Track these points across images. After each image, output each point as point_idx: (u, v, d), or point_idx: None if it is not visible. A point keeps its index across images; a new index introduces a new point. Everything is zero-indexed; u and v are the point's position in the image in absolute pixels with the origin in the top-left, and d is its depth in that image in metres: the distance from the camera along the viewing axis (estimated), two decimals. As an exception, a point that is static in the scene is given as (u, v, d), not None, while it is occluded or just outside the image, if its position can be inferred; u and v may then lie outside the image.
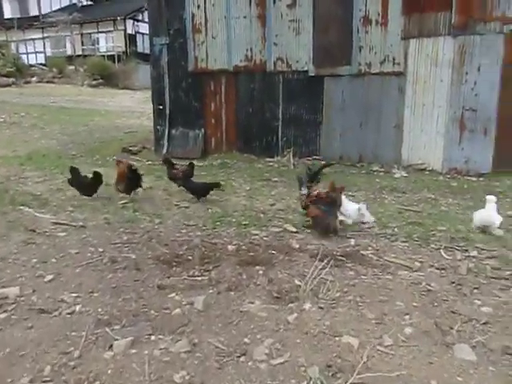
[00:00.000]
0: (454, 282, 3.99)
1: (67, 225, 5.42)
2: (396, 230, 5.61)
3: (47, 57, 38.90)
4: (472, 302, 3.60)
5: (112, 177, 7.02)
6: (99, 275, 3.90)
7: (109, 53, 38.34)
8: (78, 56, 37.41)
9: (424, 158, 9.09)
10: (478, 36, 8.41)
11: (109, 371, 2.49)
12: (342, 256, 4.60)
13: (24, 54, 39.69)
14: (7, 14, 40.56)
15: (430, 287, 3.86)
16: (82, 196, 6.69)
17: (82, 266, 4.09)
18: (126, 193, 6.76)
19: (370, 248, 4.87)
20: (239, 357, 2.65)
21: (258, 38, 9.75)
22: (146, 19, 17.88)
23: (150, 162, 10.36)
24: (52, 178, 8.17)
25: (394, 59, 8.91)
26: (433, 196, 7.51)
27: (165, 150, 10.81)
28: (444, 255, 4.71)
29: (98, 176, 6.71)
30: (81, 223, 5.53)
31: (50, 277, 3.77)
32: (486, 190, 7.83)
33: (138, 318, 3.12)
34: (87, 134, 14.93)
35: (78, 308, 3.24)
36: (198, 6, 10.03)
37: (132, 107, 24.15)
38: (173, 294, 3.47)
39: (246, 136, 10.43)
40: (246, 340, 2.83)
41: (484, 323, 3.21)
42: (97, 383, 2.37)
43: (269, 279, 3.85)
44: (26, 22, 39.12)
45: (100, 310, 3.23)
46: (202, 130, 10.66)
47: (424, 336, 2.97)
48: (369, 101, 9.28)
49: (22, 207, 5.96)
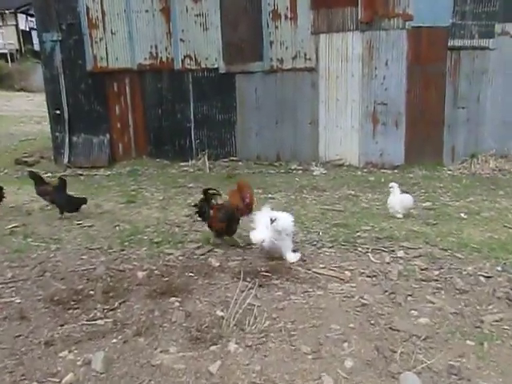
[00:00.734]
0: (386, 291, 3.74)
1: None
2: (321, 233, 5.33)
3: None
4: (408, 313, 3.36)
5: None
6: (-35, 336, 3.04)
7: (0, 51, 34.50)
8: (-38, 54, 33.21)
9: (341, 154, 9.05)
10: (383, 31, 8.51)
11: None
12: (267, 272, 4.18)
13: None
14: None
15: (363, 300, 3.56)
16: None
17: None
18: None
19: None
20: None
21: (162, 33, 9.01)
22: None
23: (49, 174, 9.15)
24: None
25: (305, 55, 8.72)
26: (353, 192, 7.42)
27: (66, 160, 9.65)
28: (372, 259, 4.48)
29: None
30: (-49, 260, 4.49)
31: None
32: (401, 182, 7.91)
33: (11, 398, 2.38)
34: (-27, 144, 13.04)
35: None
36: (93, -2, 9.04)
37: (30, 111, 21.82)
38: (65, 352, 2.75)
39: (157, 140, 9.65)
40: (157, 409, 2.24)
41: (424, 339, 2.95)
42: None
43: (186, 313, 3.28)
44: None
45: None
46: (108, 136, 9.67)
47: (367, 368, 2.61)
48: (283, 98, 9.02)
49: None
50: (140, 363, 2.63)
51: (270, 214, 4.40)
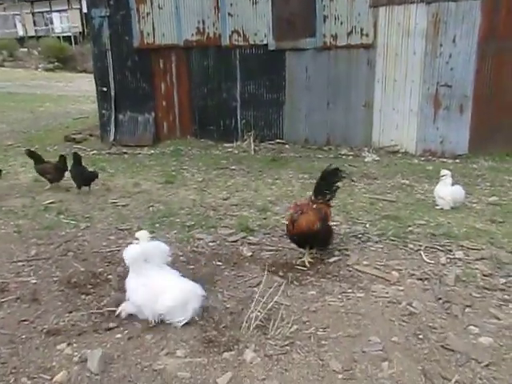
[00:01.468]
0: (440, 299, 3.18)
1: (-37, 237, 4.33)
2: (368, 226, 4.78)
3: (-5, 38, 36.11)
4: (466, 328, 2.79)
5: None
6: (-27, 316, 2.87)
7: (65, 34, 35.89)
8: (31, 37, 34.88)
9: (396, 139, 8.27)
10: (452, 3, 7.55)
11: None
12: (303, 266, 3.73)
13: (-32, 35, 36.80)
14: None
15: (411, 308, 3.03)
16: (5, 195, 5.79)
17: (-46, 302, 3.04)
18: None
19: (336, 253, 4.02)
20: None
21: (210, 7, 8.59)
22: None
23: (94, 152, 9.18)
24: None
25: (361, 30, 7.96)
26: (407, 182, 6.72)
27: (112, 137, 9.62)
28: (425, 259, 3.91)
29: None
30: (-19, 234, 4.44)
31: None
32: (463, 173, 7.13)
33: (-1, 392, 2.13)
34: (31, 121, 13.51)
35: None
36: (142, -28, 8.78)
37: (89, 91, 22.38)
38: (63, 345, 2.49)
39: (202, 119, 9.34)
40: (150, 428, 1.89)
41: (486, 365, 2.39)
42: None
43: (204, 308, 2.91)
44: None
45: None
46: (153, 114, 9.49)
47: (410, 398, 2.11)
48: (336, 77, 8.35)
49: None
50: (141, 366, 2.30)
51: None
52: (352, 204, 5.64)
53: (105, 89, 9.54)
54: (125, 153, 9.05)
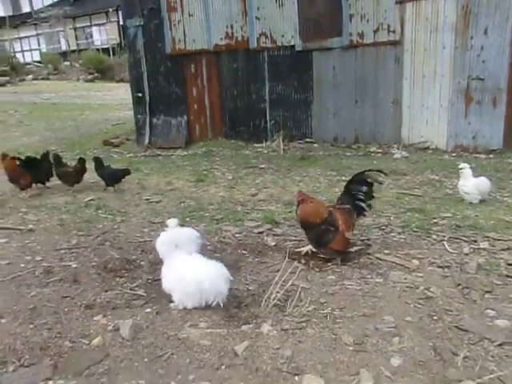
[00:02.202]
0: (459, 285, 3.21)
1: (12, 229, 4.72)
2: (392, 218, 4.83)
3: (42, 53, 38.09)
4: (483, 312, 2.82)
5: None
6: (21, 292, 3.18)
7: (103, 46, 37.37)
8: (73, 51, 36.55)
9: (426, 136, 8.20)
10: (483, -6, 7.44)
11: None
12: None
13: (19, 52, 39.02)
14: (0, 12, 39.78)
15: (429, 292, 3.09)
16: (50, 194, 6.26)
17: (5, 281, 3.38)
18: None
19: (358, 243, 4.10)
20: (157, 413, 1.92)
21: (238, 12, 8.86)
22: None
23: (130, 155, 9.62)
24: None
25: (388, 27, 7.98)
26: (437, 177, 6.67)
27: (147, 141, 10.05)
28: (448, 248, 3.93)
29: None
30: (30, 226, 4.83)
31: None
32: (497, 167, 7.00)
33: (44, 353, 2.40)
34: (73, 128, 14.23)
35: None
36: (173, -18, 9.17)
37: (126, 99, 23.28)
38: (99, 316, 2.75)
39: (233, 121, 9.61)
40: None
41: (500, 344, 2.44)
42: None
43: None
44: (19, 20, 38.31)
45: (-1, 343, 2.51)
46: (185, 117, 9.85)
47: (417, 369, 2.20)
48: (363, 75, 8.39)
49: (-36, 211, 5.27)
50: (167, 335, 2.51)
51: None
52: (378, 198, 5.65)
53: (140, 94, 9.99)
54: (159, 155, 9.43)
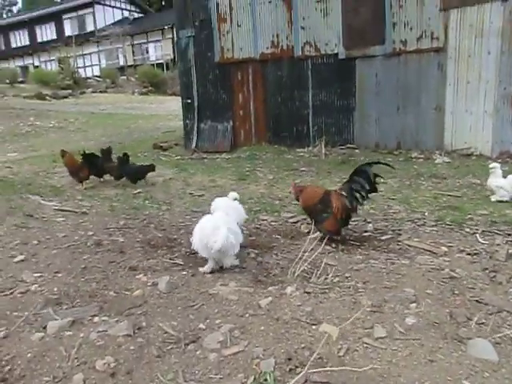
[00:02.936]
0: (487, 269, 3.26)
1: (69, 211, 5.23)
2: (427, 214, 4.88)
3: (101, 68, 40.66)
4: (507, 291, 2.87)
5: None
6: (74, 257, 3.59)
7: (158, 61, 39.39)
8: (130, 66, 38.76)
9: (470, 142, 8.09)
10: (532, -1, 7.36)
11: (28, 354, 2.11)
12: (354, 241, 3.99)
13: (81, 67, 41.82)
14: (67, 31, 43.04)
15: (453, 273, 3.17)
16: (103, 187, 6.81)
17: (62, 249, 3.80)
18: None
19: (389, 232, 4.21)
20: (187, 344, 2.18)
21: (284, 22, 9.24)
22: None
23: (178, 157, 10.15)
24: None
25: (432, 34, 8.02)
26: (478, 181, 6.59)
27: (194, 145, 10.56)
28: (480, 240, 3.95)
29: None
30: (84, 210, 5.32)
31: (21, 257, 3.51)
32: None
33: (92, 299, 2.75)
34: (126, 134, 15.13)
35: (33, 288, 2.93)
36: (224, -5, 9.72)
37: (177, 111, 24.35)
38: (141, 275, 3.07)
39: (276, 126, 9.92)
40: (201, 326, 2.35)
41: (517, 315, 2.50)
42: (8, 368, 1.99)
43: (258, 263, 3.34)
44: (84, 38, 41.25)
45: (56, 289, 2.88)
46: (231, 123, 10.29)
47: (430, 328, 2.32)
48: (405, 82, 8.44)
49: (30, 196, 5.86)
50: (199, 291, 2.78)
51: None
52: (415, 198, 5.72)
53: (189, 100, 10.56)
54: (204, 158, 9.89)
